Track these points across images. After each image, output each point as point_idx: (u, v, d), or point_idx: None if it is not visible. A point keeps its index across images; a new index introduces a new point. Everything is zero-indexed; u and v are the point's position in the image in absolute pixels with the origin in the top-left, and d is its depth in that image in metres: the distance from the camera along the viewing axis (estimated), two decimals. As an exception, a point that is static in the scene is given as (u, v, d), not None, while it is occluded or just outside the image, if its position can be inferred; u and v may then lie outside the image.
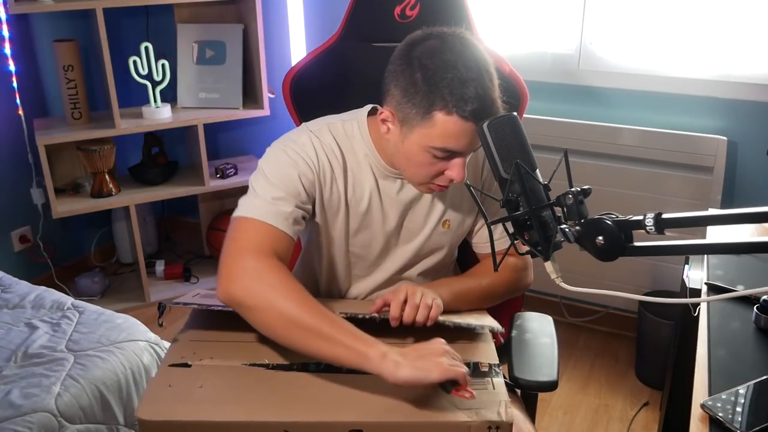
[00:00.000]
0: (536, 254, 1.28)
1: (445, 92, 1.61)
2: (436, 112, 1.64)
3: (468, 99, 1.60)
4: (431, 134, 1.67)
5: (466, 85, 1.60)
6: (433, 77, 1.63)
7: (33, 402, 2.28)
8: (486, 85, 1.62)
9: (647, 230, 1.17)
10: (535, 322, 2.11)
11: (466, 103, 1.60)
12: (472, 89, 1.60)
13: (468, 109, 1.60)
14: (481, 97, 1.60)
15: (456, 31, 1.70)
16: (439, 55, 1.65)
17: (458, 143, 1.67)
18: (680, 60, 3.34)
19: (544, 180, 1.31)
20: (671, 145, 3.31)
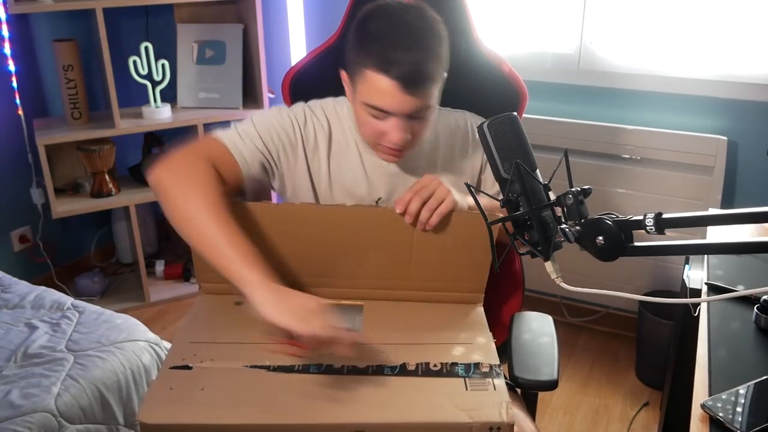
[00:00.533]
0: (536, 254, 1.28)
1: (378, 51, 1.71)
2: (367, 69, 1.74)
3: (396, 61, 1.69)
4: (364, 90, 1.77)
5: (398, 48, 1.69)
6: (369, 36, 1.75)
7: (33, 402, 2.28)
8: (421, 54, 1.71)
9: (647, 230, 1.17)
10: (535, 322, 2.11)
11: (393, 65, 1.69)
12: (402, 53, 1.69)
13: (394, 70, 1.69)
14: (412, 63, 1.69)
15: (412, 3, 1.80)
16: (382, 17, 1.76)
17: (386, 102, 1.75)
18: (680, 60, 3.34)
19: (544, 180, 1.31)
20: (671, 145, 3.31)
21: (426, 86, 1.74)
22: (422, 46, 1.72)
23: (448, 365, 1.64)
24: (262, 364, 1.65)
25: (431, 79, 1.74)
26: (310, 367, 1.64)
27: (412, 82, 1.71)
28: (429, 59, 1.72)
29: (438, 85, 1.80)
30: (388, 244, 1.91)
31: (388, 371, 1.63)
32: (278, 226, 1.90)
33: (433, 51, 1.74)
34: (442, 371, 1.63)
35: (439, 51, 1.75)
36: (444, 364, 1.65)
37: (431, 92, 1.77)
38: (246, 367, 1.64)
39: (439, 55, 1.75)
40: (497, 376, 1.61)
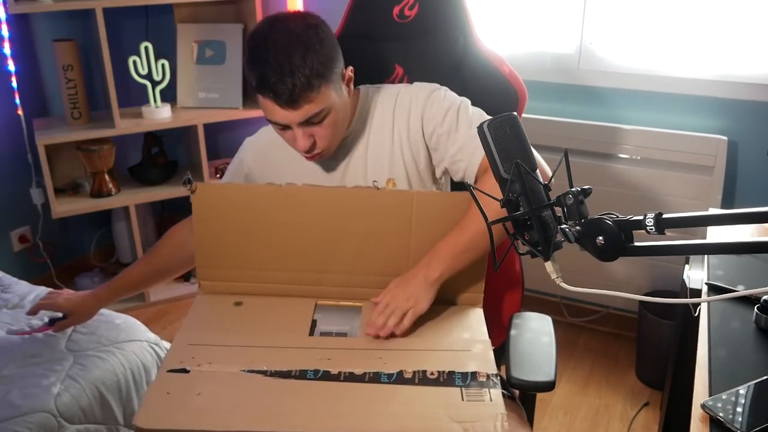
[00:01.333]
0: (536, 254, 1.28)
1: (254, 74, 1.84)
2: (256, 91, 1.87)
3: (267, 83, 1.81)
4: (262, 108, 1.91)
5: (268, 69, 1.80)
6: (249, 58, 1.88)
7: (32, 402, 2.28)
8: (287, 73, 1.79)
9: (647, 230, 1.17)
10: (534, 322, 2.11)
11: (266, 87, 1.81)
12: (271, 74, 1.80)
13: (268, 91, 1.82)
14: (282, 83, 1.80)
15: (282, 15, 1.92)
16: (256, 38, 1.86)
17: (275, 117, 1.88)
18: (680, 60, 3.35)
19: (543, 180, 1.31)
20: (671, 145, 3.31)
21: (303, 98, 1.83)
22: (290, 62, 1.80)
23: (445, 374, 1.64)
24: (260, 368, 1.64)
25: (307, 91, 1.82)
26: (307, 373, 1.64)
27: (288, 100, 1.82)
28: (298, 73, 1.80)
29: (326, 88, 1.87)
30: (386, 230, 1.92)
31: (385, 379, 1.63)
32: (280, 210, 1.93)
33: (302, 63, 1.80)
34: (439, 380, 1.62)
35: (310, 60, 1.82)
36: (441, 372, 1.64)
37: (315, 99, 1.85)
38: (243, 371, 1.64)
39: (311, 64, 1.82)
40: (494, 386, 1.61)
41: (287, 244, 1.95)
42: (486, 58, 2.27)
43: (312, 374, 1.63)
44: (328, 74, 1.86)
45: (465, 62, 2.29)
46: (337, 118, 1.93)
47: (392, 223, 1.91)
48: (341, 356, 1.69)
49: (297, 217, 1.93)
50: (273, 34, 1.83)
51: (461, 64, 2.29)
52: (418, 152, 2.05)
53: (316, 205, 1.93)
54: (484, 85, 2.27)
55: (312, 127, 1.90)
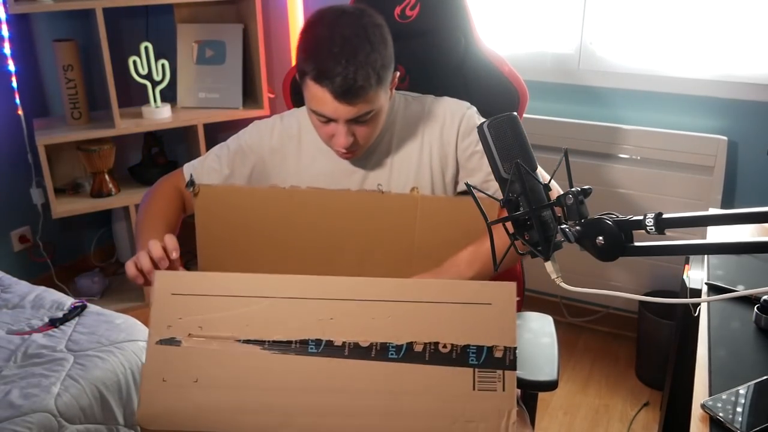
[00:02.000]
0: (536, 254, 1.28)
1: (314, 63, 1.80)
2: (308, 79, 1.84)
3: (330, 73, 1.78)
4: (308, 98, 1.88)
5: (332, 60, 1.77)
6: (308, 46, 1.85)
7: (33, 402, 2.28)
8: (352, 66, 1.77)
9: (647, 230, 1.17)
10: (535, 322, 2.11)
11: (327, 77, 1.78)
12: (334, 65, 1.77)
13: (328, 82, 1.79)
14: (345, 76, 1.77)
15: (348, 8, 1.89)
16: (319, 27, 1.84)
17: (326, 110, 1.85)
18: (680, 60, 3.35)
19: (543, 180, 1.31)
20: (671, 145, 3.32)
21: (361, 95, 1.81)
22: (355, 57, 1.78)
23: (459, 348, 1.54)
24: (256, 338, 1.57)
25: (366, 88, 1.81)
26: (308, 345, 1.55)
27: (346, 93, 1.79)
28: (362, 70, 1.78)
29: (380, 89, 1.86)
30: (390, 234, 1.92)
31: (393, 353, 1.54)
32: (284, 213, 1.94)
33: (366, 60, 1.79)
34: (451, 355, 1.53)
35: (373, 59, 1.81)
36: (455, 346, 1.54)
37: (370, 98, 1.84)
38: (239, 342, 1.56)
39: (373, 63, 1.81)
40: (510, 366, 1.57)
41: (290, 247, 1.95)
42: (487, 59, 2.27)
43: (314, 347, 1.55)
44: (385, 76, 1.87)
45: (466, 62, 2.29)
46: (380, 120, 1.94)
47: (396, 226, 1.91)
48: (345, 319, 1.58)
49: (300, 219, 1.93)
50: (341, 25, 1.82)
51: (462, 64, 2.29)
52: (446, 164, 2.06)
53: (319, 207, 1.93)
54: (485, 85, 2.27)
55: (356, 126, 1.89)
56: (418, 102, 2.12)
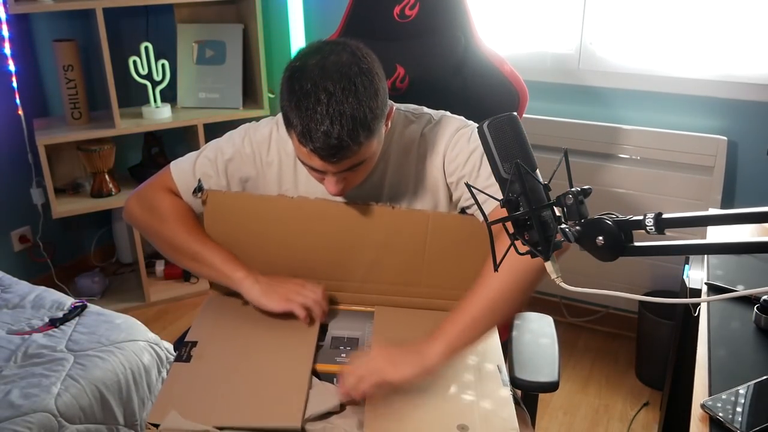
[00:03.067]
0: (536, 254, 1.28)
1: (299, 122, 1.67)
2: (292, 132, 1.71)
3: (314, 135, 1.64)
4: (295, 148, 1.77)
5: (315, 121, 1.64)
6: (292, 100, 1.68)
7: (33, 402, 2.28)
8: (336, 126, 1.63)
9: (647, 230, 1.16)
10: (535, 323, 2.11)
11: (311, 139, 1.65)
12: (318, 126, 1.64)
13: (312, 144, 1.66)
14: (329, 137, 1.64)
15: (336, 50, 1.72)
16: (303, 77, 1.68)
17: (313, 164, 1.73)
18: (680, 60, 3.35)
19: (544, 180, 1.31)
20: (671, 145, 3.32)
21: (348, 155, 1.69)
22: (341, 116, 1.64)
23: None
24: None
25: (353, 147, 1.68)
26: None
27: (333, 155, 1.67)
28: (348, 128, 1.65)
29: (371, 140, 1.73)
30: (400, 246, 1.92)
31: None
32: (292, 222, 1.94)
33: (353, 116, 1.65)
34: None
35: (362, 114, 1.67)
36: None
37: (360, 153, 1.72)
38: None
39: (362, 118, 1.67)
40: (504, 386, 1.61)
41: (298, 257, 1.96)
42: (487, 58, 2.27)
43: None
44: (376, 126, 1.72)
45: (466, 62, 2.29)
46: (373, 162, 1.84)
47: (406, 240, 1.91)
48: None
49: (309, 230, 1.93)
50: (325, 78, 1.66)
51: (462, 64, 2.29)
52: (437, 190, 1.97)
53: (329, 219, 1.92)
54: (485, 85, 2.27)
55: (347, 173, 1.77)
56: (414, 124, 2.00)
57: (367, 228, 1.92)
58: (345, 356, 1.77)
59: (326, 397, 1.62)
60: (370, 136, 1.71)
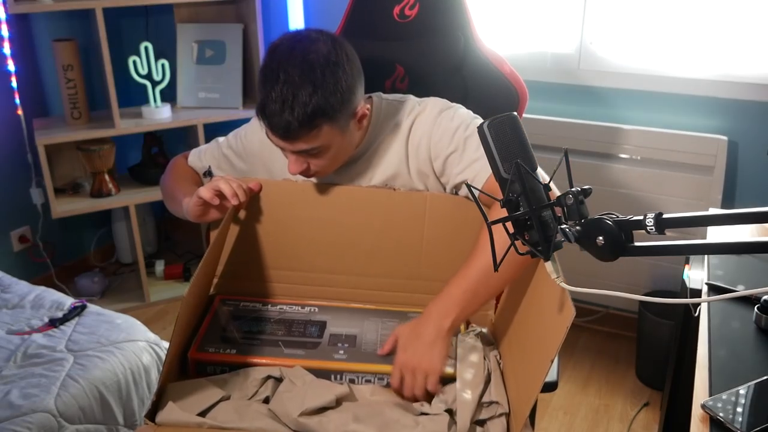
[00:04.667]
0: (536, 254, 1.28)
1: (259, 99, 1.79)
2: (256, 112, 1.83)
3: (270, 114, 1.76)
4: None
5: (271, 101, 1.75)
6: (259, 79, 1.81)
7: (32, 402, 2.28)
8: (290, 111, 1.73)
9: (648, 230, 1.17)
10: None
11: (267, 116, 1.77)
12: (274, 106, 1.74)
13: (268, 122, 1.78)
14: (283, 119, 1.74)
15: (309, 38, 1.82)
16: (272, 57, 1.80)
17: (272, 141, 1.84)
18: (681, 60, 3.35)
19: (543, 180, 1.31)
20: (672, 145, 3.32)
21: (299, 136, 1.77)
22: (294, 99, 1.73)
23: None
24: None
25: (304, 130, 1.76)
26: None
27: (283, 134, 1.77)
28: (299, 112, 1.73)
29: (325, 128, 1.79)
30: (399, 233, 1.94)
31: None
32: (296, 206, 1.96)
33: (307, 102, 1.73)
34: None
35: (315, 101, 1.74)
36: None
37: (311, 137, 1.79)
38: None
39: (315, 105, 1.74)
40: None
41: (300, 243, 1.97)
42: (487, 58, 2.27)
43: None
44: (334, 115, 1.78)
45: (466, 62, 2.29)
46: (336, 153, 1.88)
47: (405, 223, 1.92)
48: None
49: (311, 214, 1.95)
50: (289, 61, 1.75)
51: (462, 64, 2.29)
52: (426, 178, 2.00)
53: (330, 202, 1.94)
54: (484, 85, 2.27)
55: (308, 156, 1.85)
56: (399, 111, 2.03)
57: (365, 212, 1.95)
58: (343, 353, 1.77)
59: (321, 392, 1.62)
60: (327, 122, 1.78)
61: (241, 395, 1.67)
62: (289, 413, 1.56)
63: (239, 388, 1.68)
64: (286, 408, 1.57)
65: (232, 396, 1.66)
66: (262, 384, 1.69)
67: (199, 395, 1.63)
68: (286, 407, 1.57)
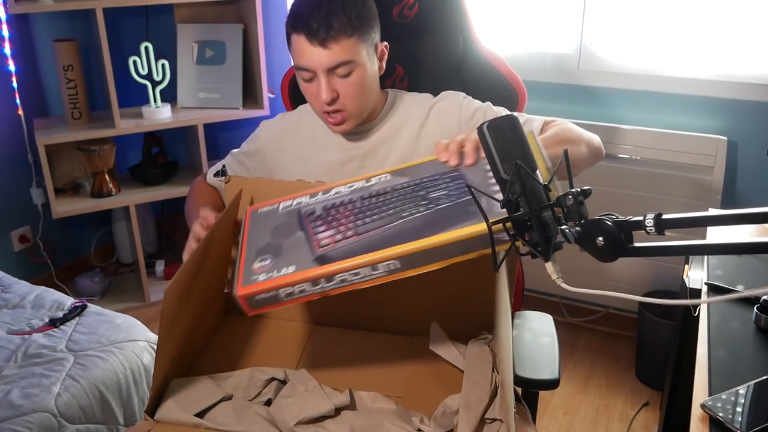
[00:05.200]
0: (536, 255, 1.28)
1: (293, 12, 1.89)
2: (289, 32, 1.91)
3: (303, 16, 1.85)
4: (292, 55, 1.94)
5: (307, 5, 1.85)
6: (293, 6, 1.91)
7: (33, 402, 2.29)
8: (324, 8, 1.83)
9: (647, 231, 1.17)
10: (535, 322, 2.11)
11: (300, 19, 1.85)
12: (308, 9, 1.84)
13: (301, 24, 1.85)
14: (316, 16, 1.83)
15: None
16: None
17: (304, 60, 1.90)
18: (680, 60, 3.35)
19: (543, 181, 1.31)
20: (671, 145, 3.32)
21: (333, 38, 1.84)
22: (330, 3, 1.84)
23: None
24: None
25: (340, 33, 1.84)
26: None
27: (319, 34, 1.83)
28: (334, 14, 1.83)
29: (357, 40, 1.89)
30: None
31: None
32: None
33: (340, 7, 1.84)
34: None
35: (349, 8, 1.85)
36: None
37: (345, 46, 1.87)
38: None
39: (349, 11, 1.85)
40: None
41: None
42: (485, 59, 2.28)
43: None
44: (363, 30, 1.89)
45: (465, 62, 2.29)
46: (364, 80, 1.94)
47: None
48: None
49: None
50: None
51: (461, 64, 2.29)
52: None
53: None
54: (483, 86, 2.27)
55: (337, 80, 1.91)
56: (414, 96, 2.15)
57: None
58: None
59: (320, 401, 1.61)
60: (358, 35, 1.88)
61: (244, 395, 1.66)
62: (286, 421, 1.54)
63: (243, 388, 1.67)
64: (284, 415, 1.56)
65: (234, 396, 1.65)
66: (266, 385, 1.68)
67: (201, 393, 1.62)
68: (284, 414, 1.56)
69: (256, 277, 1.48)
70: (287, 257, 1.52)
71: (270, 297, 1.47)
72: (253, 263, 1.54)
